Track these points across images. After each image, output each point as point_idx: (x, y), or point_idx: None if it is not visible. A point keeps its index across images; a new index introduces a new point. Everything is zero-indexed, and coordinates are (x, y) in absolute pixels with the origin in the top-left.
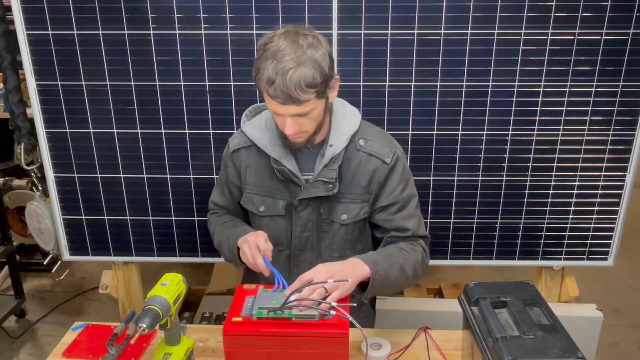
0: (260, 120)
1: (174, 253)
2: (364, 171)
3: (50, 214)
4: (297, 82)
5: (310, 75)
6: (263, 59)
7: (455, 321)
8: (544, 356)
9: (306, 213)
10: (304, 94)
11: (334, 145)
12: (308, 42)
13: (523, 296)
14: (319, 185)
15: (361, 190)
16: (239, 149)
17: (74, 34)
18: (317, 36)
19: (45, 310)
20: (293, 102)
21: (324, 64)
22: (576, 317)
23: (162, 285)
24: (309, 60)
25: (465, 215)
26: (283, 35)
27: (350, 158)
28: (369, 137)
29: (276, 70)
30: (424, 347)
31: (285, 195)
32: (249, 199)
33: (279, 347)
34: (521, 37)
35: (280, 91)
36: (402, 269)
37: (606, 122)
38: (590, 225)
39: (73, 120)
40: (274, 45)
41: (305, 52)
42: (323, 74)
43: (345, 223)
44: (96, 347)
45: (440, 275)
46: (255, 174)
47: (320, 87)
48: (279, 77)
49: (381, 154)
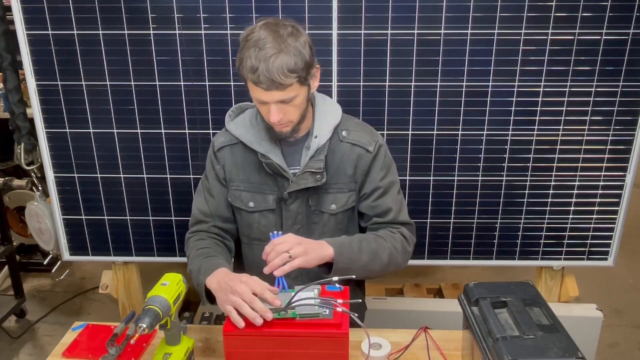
0: (244, 119)
1: (174, 253)
2: (349, 160)
3: (50, 214)
4: (280, 67)
5: (291, 61)
6: (245, 49)
7: (455, 321)
8: (544, 356)
9: (295, 206)
10: (287, 78)
11: (318, 137)
12: (288, 32)
13: (523, 296)
14: (307, 177)
15: (348, 179)
16: (224, 146)
17: (74, 34)
18: (297, 26)
19: (45, 310)
20: (276, 88)
21: (304, 51)
22: (576, 317)
23: (162, 285)
24: (290, 47)
25: (465, 215)
26: (264, 27)
27: (334, 149)
28: (351, 128)
29: (259, 57)
30: (424, 347)
31: (274, 189)
32: (237, 196)
33: (279, 347)
34: (521, 37)
35: (264, 77)
36: (375, 254)
37: (606, 122)
38: (590, 225)
39: (73, 120)
40: (255, 36)
41: (285, 40)
42: (304, 60)
43: (335, 213)
44: (96, 347)
45: (440, 275)
46: (242, 170)
47: (302, 72)
48: (261, 64)
49: (364, 143)
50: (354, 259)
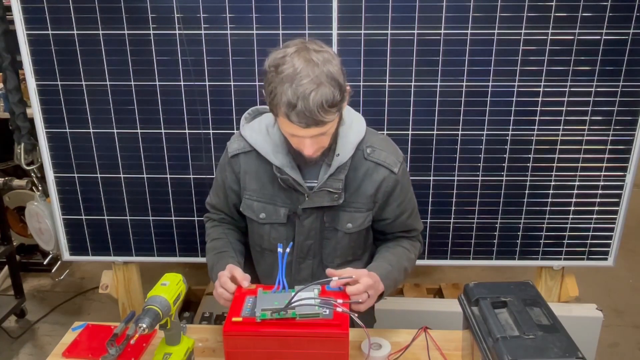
0: (260, 125)
1: (174, 253)
2: (371, 180)
3: (50, 214)
4: (320, 104)
5: (331, 95)
6: (278, 82)
7: (455, 321)
8: (544, 356)
9: (309, 221)
10: (327, 114)
11: (341, 155)
12: (323, 59)
13: (523, 296)
14: (323, 195)
15: (367, 200)
16: (238, 154)
17: (74, 34)
18: (329, 50)
19: (45, 310)
20: (316, 125)
21: (340, 80)
22: (576, 317)
23: (162, 285)
24: (326, 78)
25: (465, 215)
26: (296, 55)
27: (357, 166)
28: (376, 146)
29: (297, 94)
30: (424, 347)
31: (287, 202)
32: (249, 205)
33: (279, 347)
34: (521, 37)
35: (303, 115)
36: (406, 271)
37: (606, 122)
38: (590, 225)
39: (73, 120)
40: (288, 67)
41: (322, 70)
42: (341, 90)
43: (350, 232)
44: (96, 347)
45: (440, 275)
46: (255, 180)
47: (340, 103)
48: (300, 102)
49: (389, 164)
50: (395, 283)
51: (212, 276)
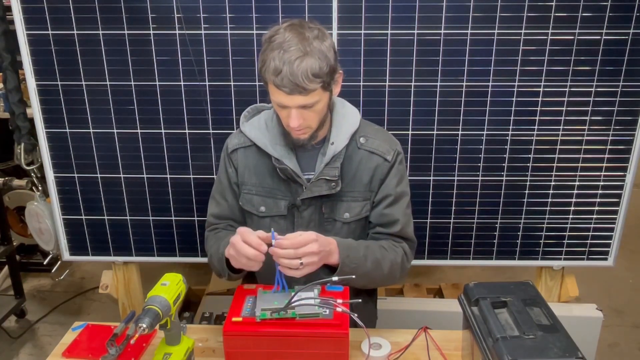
0: (259, 121)
1: (174, 253)
2: (366, 169)
3: (50, 214)
4: (304, 71)
5: (316, 65)
6: (269, 50)
7: (455, 321)
8: (544, 356)
9: (308, 212)
10: (311, 83)
11: (335, 143)
12: (314, 35)
13: (523, 296)
14: (321, 184)
15: (363, 188)
16: (237, 149)
17: (74, 34)
18: (322, 29)
19: (45, 310)
20: (299, 92)
21: (329, 55)
22: (576, 317)
23: (162, 285)
24: (315, 50)
25: (465, 215)
26: (288, 28)
27: (351, 156)
28: (369, 135)
29: (283, 60)
30: (424, 347)
31: (287, 195)
32: (248, 199)
33: (279, 347)
34: (521, 37)
35: (287, 80)
36: (378, 263)
37: (606, 122)
38: (590, 225)
39: (73, 120)
40: (280, 37)
41: (311, 43)
42: (329, 65)
43: (348, 221)
44: (96, 347)
45: (440, 275)
46: (255, 174)
47: (326, 77)
48: (285, 67)
49: (382, 152)
50: (359, 264)
51: (219, 254)
